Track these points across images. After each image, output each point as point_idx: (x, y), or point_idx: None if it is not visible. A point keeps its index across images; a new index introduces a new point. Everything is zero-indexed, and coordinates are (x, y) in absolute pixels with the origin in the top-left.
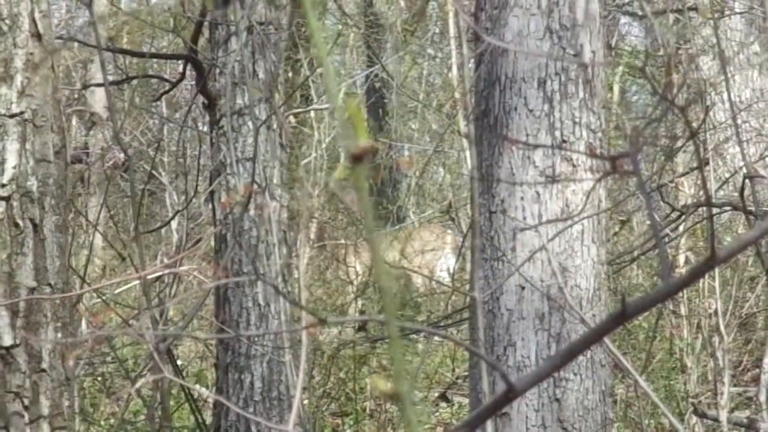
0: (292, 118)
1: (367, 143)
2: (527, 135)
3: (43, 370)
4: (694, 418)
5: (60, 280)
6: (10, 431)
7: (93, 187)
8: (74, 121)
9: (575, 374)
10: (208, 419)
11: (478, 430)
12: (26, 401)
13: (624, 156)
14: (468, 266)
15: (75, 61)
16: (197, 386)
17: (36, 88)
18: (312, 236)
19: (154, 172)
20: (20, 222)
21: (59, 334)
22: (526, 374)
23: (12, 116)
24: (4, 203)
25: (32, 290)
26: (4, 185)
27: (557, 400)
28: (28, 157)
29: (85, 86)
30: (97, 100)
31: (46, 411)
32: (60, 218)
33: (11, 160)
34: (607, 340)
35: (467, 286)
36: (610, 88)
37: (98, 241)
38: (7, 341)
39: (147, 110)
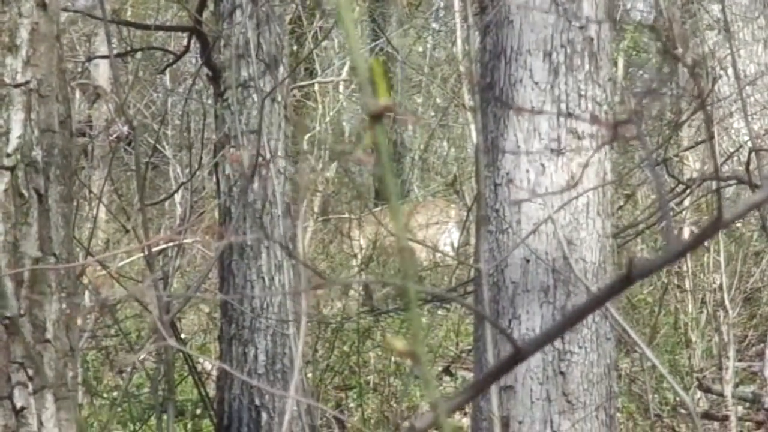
0: (297, 92)
1: (387, 102)
2: (532, 107)
3: (48, 341)
4: (699, 393)
5: (65, 250)
6: (13, 401)
7: (97, 160)
8: (77, 94)
9: (580, 347)
10: (212, 393)
11: (482, 402)
12: (30, 371)
13: (626, 122)
14: (472, 240)
15: (79, 34)
16: (201, 358)
17: (41, 58)
18: (316, 209)
19: (157, 145)
20: (25, 192)
21: (63, 305)
22: (532, 338)
23: (17, 86)
24: (8, 173)
25: (37, 260)
26: (8, 155)
27: (562, 373)
28: (32, 127)
29: (90, 58)
30: (101, 73)
31: (50, 381)
32: (65, 188)
33: (16, 130)
34: (613, 311)
35: (472, 260)
36: (615, 63)
37: (102, 214)
38: (12, 311)
39: (151, 83)
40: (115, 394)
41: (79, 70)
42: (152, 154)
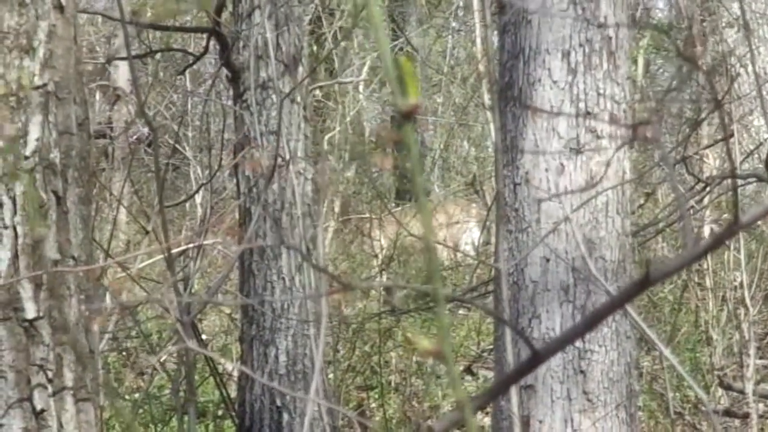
0: (318, 92)
1: (417, 101)
2: (551, 106)
3: (67, 343)
4: (720, 391)
5: (83, 252)
6: (33, 403)
7: (117, 162)
8: (98, 96)
9: (600, 346)
10: (233, 394)
11: (503, 402)
12: (50, 374)
13: (645, 123)
14: (493, 239)
15: (99, 35)
16: (222, 359)
17: (59, 60)
18: (336, 210)
19: (177, 146)
20: (43, 194)
21: (83, 307)
22: (550, 340)
23: (35, 88)
24: (27, 175)
25: (55, 263)
26: (27, 157)
27: (582, 372)
28: (50, 130)
29: (109, 60)
30: (121, 74)
31: (69, 383)
32: (83, 190)
33: (34, 133)
34: (632, 311)
35: (492, 259)
36: (635, 62)
37: (122, 216)
38: (31, 314)
39: (171, 84)
40: (136, 395)
41: (99, 71)
42: (172, 155)
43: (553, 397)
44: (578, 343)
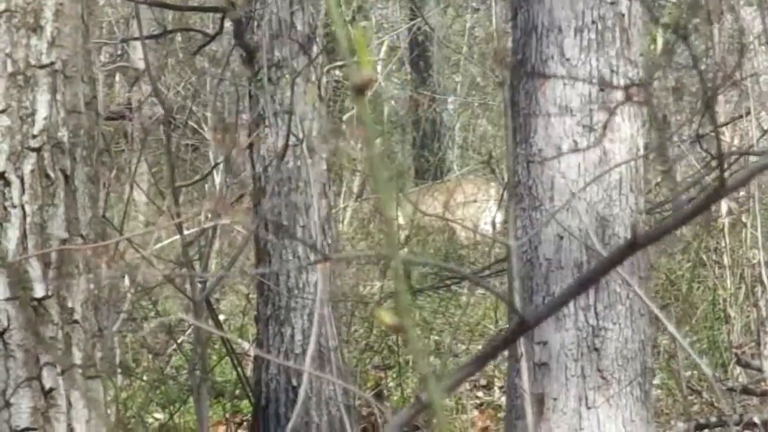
0: (338, 72)
1: (370, 74)
2: (564, 84)
3: (76, 321)
4: (738, 368)
5: (92, 231)
6: (42, 382)
7: (136, 142)
8: (117, 77)
9: (614, 324)
10: (250, 373)
11: (517, 380)
12: (59, 352)
13: (637, 86)
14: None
15: (118, 16)
16: (239, 339)
17: (66, 39)
18: (355, 189)
19: (195, 126)
20: (51, 173)
21: (92, 286)
22: (539, 307)
23: (42, 67)
24: (35, 154)
25: (64, 241)
26: (34, 136)
27: (596, 349)
28: (58, 108)
29: (123, 40)
30: (140, 55)
31: (78, 361)
32: (91, 169)
33: (42, 111)
34: (636, 287)
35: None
36: (654, 40)
37: (143, 197)
38: (40, 293)
39: (189, 64)
40: (151, 376)
41: (119, 52)
42: (192, 135)
43: (567, 374)
44: (592, 321)
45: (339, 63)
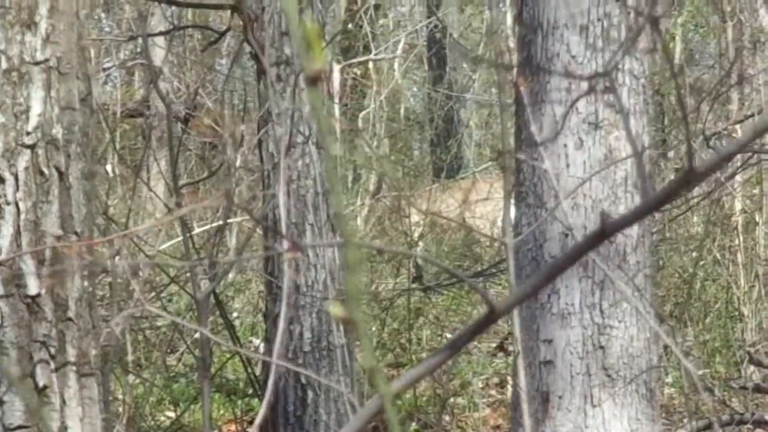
0: (356, 70)
1: (322, 65)
2: (570, 82)
3: (70, 319)
4: (751, 367)
5: (86, 228)
6: (36, 379)
7: (154, 141)
8: (136, 74)
9: (620, 321)
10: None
11: (519, 379)
12: (53, 350)
13: (600, 75)
14: None
15: (134, 14)
16: (251, 339)
17: (60, 35)
18: (371, 187)
19: (212, 124)
20: (45, 170)
21: (86, 283)
22: (507, 296)
23: (36, 63)
24: (29, 151)
25: (58, 238)
26: (29, 133)
27: (602, 347)
28: (53, 105)
29: (131, 38)
30: (158, 52)
31: (72, 359)
32: (86, 166)
33: (36, 108)
34: (623, 286)
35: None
36: (672, 38)
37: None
38: (33, 290)
39: (198, 61)
40: (156, 374)
41: (138, 50)
42: (211, 134)
43: (573, 372)
44: (597, 319)
45: (354, 60)
